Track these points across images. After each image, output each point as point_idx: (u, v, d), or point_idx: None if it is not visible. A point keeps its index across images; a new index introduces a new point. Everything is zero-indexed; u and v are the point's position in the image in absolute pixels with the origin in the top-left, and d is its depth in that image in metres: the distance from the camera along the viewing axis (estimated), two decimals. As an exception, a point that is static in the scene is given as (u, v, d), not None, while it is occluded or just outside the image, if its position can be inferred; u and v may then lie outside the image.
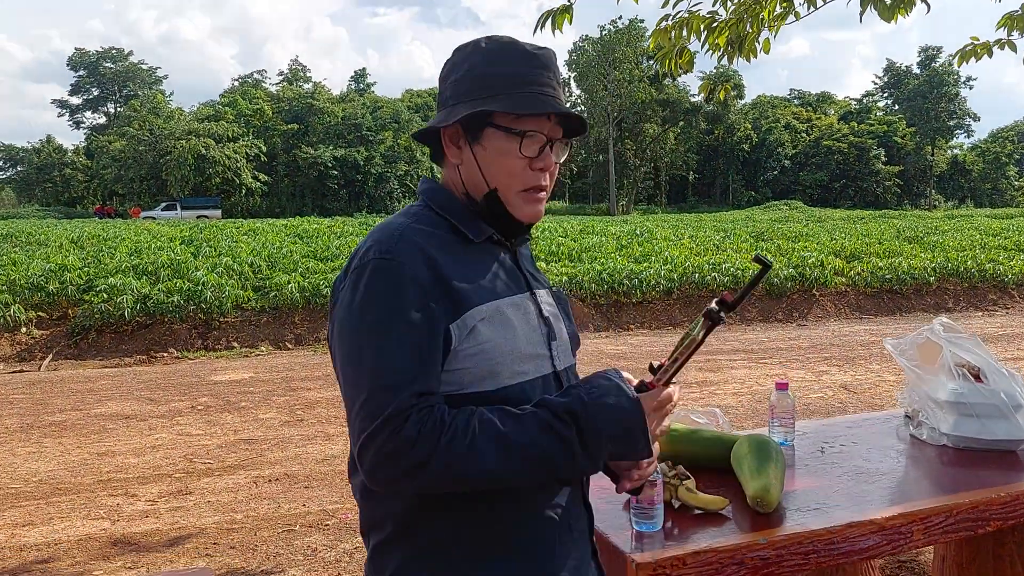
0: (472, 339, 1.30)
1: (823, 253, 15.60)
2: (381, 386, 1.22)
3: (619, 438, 1.29)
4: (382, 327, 1.26)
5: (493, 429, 1.23)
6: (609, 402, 1.29)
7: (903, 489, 2.16)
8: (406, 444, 1.19)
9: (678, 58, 4.17)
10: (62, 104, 76.85)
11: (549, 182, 1.43)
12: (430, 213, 1.42)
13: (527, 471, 1.25)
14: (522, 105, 1.35)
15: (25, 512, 4.60)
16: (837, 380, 7.74)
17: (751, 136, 72.03)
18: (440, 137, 1.42)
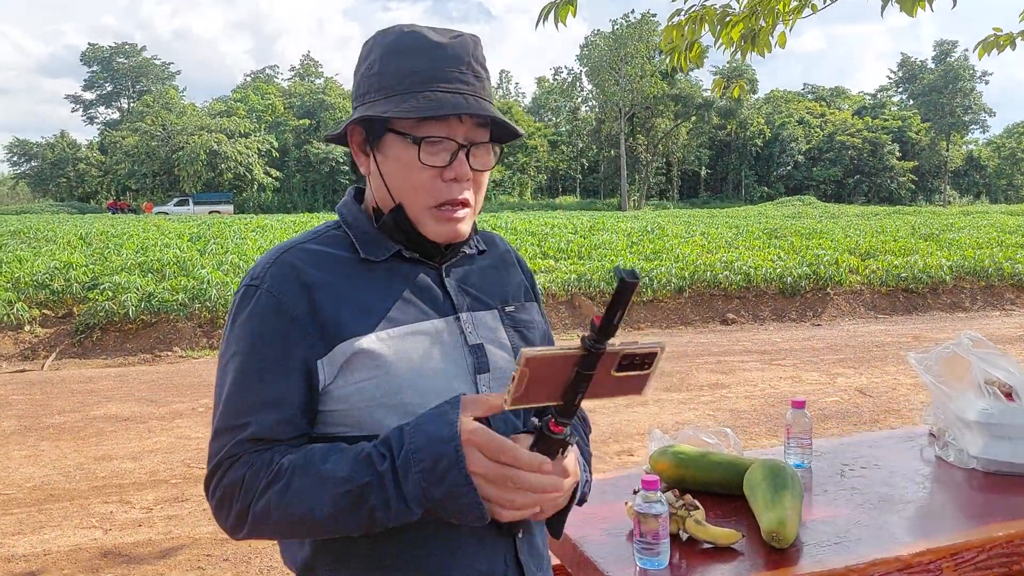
0: (346, 375, 1.15)
1: (837, 251, 15.37)
2: (222, 428, 1.15)
3: (429, 473, 1.03)
4: (235, 363, 1.16)
5: (313, 466, 1.09)
6: (428, 428, 1.06)
7: (930, 519, 2.00)
8: (231, 489, 1.12)
9: (688, 53, 4.00)
10: (76, 99, 77.23)
11: (473, 194, 1.24)
12: (336, 230, 1.28)
13: (344, 514, 1.07)
14: (417, 107, 1.16)
15: (16, 520, 4.48)
16: (852, 383, 7.55)
17: (764, 131, 71.56)
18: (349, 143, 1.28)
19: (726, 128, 71.27)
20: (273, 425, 1.12)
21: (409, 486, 1.03)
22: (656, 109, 66.13)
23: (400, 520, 1.06)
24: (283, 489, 1.07)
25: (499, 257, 1.43)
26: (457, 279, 1.30)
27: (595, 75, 66.42)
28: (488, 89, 1.25)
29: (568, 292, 11.94)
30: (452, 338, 1.23)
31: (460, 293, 1.29)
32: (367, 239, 1.24)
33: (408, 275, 1.25)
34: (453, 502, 1.03)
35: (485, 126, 1.22)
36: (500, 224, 21.84)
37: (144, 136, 60.76)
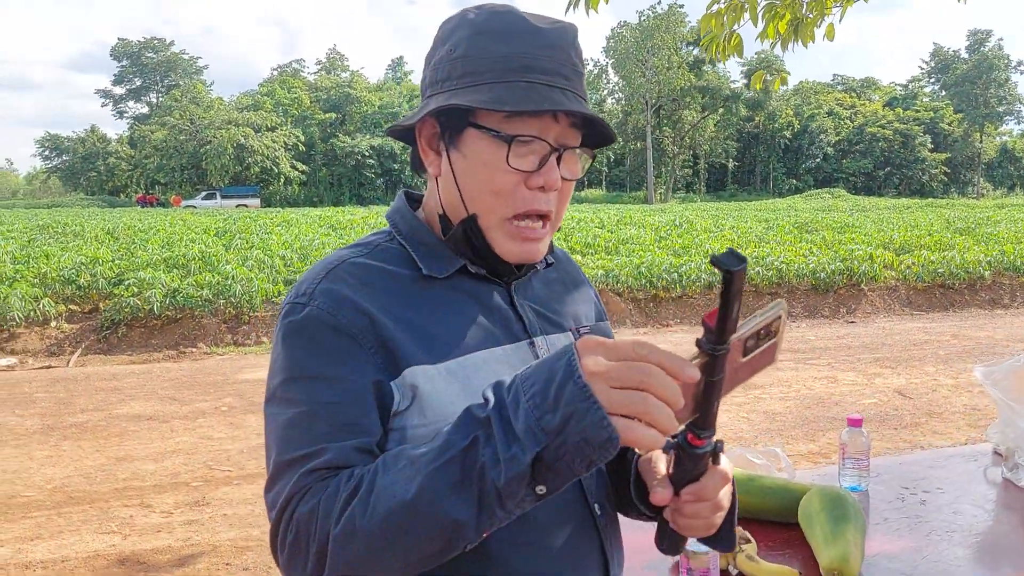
0: (416, 413, 0.98)
1: (871, 245, 15.03)
2: (285, 462, 0.94)
3: (541, 396, 0.79)
4: (294, 389, 0.97)
5: (401, 456, 0.88)
6: (544, 358, 0.84)
7: (1004, 553, 1.81)
8: (305, 522, 0.88)
9: (727, 43, 3.80)
10: (106, 94, 78.04)
11: (556, 205, 1.07)
12: (391, 242, 1.10)
13: (451, 493, 0.82)
14: (511, 98, 0.99)
15: (35, 524, 4.40)
16: (891, 384, 7.31)
17: (793, 123, 70.68)
18: (416, 138, 1.10)
19: (754, 120, 70.48)
20: (351, 452, 0.93)
21: (520, 419, 0.79)
22: (683, 101, 65.54)
23: (514, 471, 0.79)
24: (367, 492, 0.85)
25: (566, 273, 1.28)
26: (527, 298, 1.15)
27: (621, 67, 65.93)
28: (584, 86, 1.08)
29: (596, 288, 11.75)
30: (525, 366, 1.07)
31: (532, 314, 1.14)
32: (428, 252, 1.08)
33: (475, 293, 1.09)
34: (574, 427, 0.76)
35: (578, 128, 1.05)
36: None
37: (172, 130, 61.30)
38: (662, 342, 9.34)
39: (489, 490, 0.81)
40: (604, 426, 0.76)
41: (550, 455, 0.78)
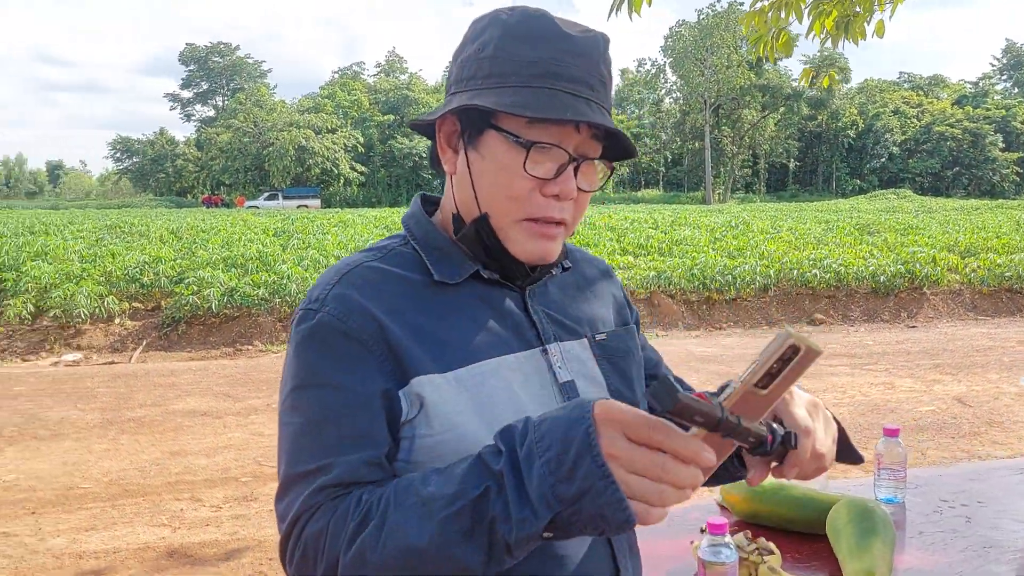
0: (426, 423, 0.97)
1: (935, 248, 14.59)
2: (295, 476, 0.95)
3: (557, 464, 0.79)
4: (303, 397, 0.98)
5: (409, 489, 0.88)
6: (556, 413, 0.84)
7: (1045, 572, 1.74)
8: (314, 542, 0.90)
9: (775, 42, 3.73)
10: (174, 97, 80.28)
11: (572, 214, 1.06)
12: (404, 246, 1.10)
13: (460, 540, 0.83)
14: (534, 104, 0.97)
15: (90, 515, 4.55)
16: (951, 391, 7.08)
17: (857, 121, 69.05)
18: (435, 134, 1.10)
19: (816, 119, 69.03)
20: (360, 466, 0.93)
21: (534, 483, 0.79)
22: (743, 100, 64.54)
23: (525, 532, 0.80)
24: (377, 527, 0.86)
25: (583, 273, 1.26)
26: (542, 303, 1.13)
27: (680, 66, 65.26)
28: (610, 98, 1.07)
29: (648, 290, 11.65)
30: (539, 375, 1.06)
31: (546, 320, 1.12)
32: (441, 257, 1.07)
33: (487, 299, 1.08)
34: (590, 503, 0.78)
35: (599, 139, 1.04)
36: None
37: (237, 133, 62.77)
38: (714, 345, 9.19)
39: (499, 541, 0.82)
40: (623, 508, 0.77)
41: (562, 520, 0.80)
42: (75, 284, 10.75)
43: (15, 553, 4.05)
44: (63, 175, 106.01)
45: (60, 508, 4.66)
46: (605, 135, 1.04)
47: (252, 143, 62.05)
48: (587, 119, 0.99)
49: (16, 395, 7.41)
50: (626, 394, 1.16)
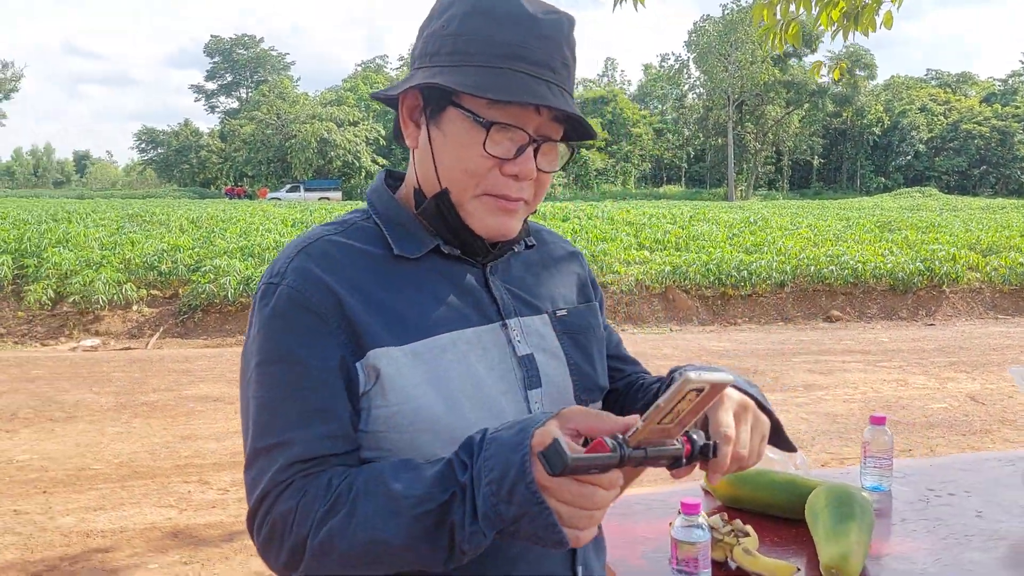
0: (381, 394, 0.99)
1: (956, 246, 14.42)
2: (260, 450, 0.97)
3: (498, 486, 0.85)
4: (263, 371, 0.99)
5: (382, 487, 0.91)
6: (504, 434, 0.88)
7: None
8: (282, 521, 0.93)
9: (784, 33, 3.71)
10: (198, 89, 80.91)
11: (531, 193, 1.07)
12: (367, 221, 1.11)
13: (424, 539, 0.89)
14: (495, 86, 0.98)
15: (99, 495, 4.62)
16: (964, 389, 7.01)
17: (882, 119, 68.29)
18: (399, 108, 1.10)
19: (841, 116, 68.35)
20: (321, 440, 0.96)
21: (480, 501, 0.86)
22: (767, 96, 64.03)
23: (476, 543, 0.87)
24: (347, 516, 0.90)
25: (547, 250, 1.27)
26: (503, 279, 1.15)
27: (703, 61, 64.80)
28: (573, 80, 1.08)
29: (663, 285, 11.61)
30: (499, 349, 1.08)
31: (507, 295, 1.13)
32: (402, 233, 1.08)
33: (447, 274, 1.09)
34: (528, 523, 0.84)
35: (560, 122, 1.05)
36: (597, 213, 21.57)
37: (260, 125, 63.15)
38: (728, 341, 9.16)
39: (457, 545, 0.89)
40: (556, 531, 0.84)
41: (507, 533, 0.88)
42: (95, 271, 10.89)
43: (25, 530, 4.12)
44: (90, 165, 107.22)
45: (71, 488, 4.74)
46: (566, 118, 1.05)
47: (275, 135, 62.42)
48: (547, 103, 0.99)
49: (34, 378, 7.53)
50: (585, 368, 1.18)
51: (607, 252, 13.42)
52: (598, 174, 64.75)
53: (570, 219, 19.85)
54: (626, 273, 12.02)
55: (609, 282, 11.79)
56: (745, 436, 0.99)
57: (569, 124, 1.06)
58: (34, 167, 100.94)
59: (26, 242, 12.65)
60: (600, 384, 1.21)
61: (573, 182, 62.41)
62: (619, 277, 11.90)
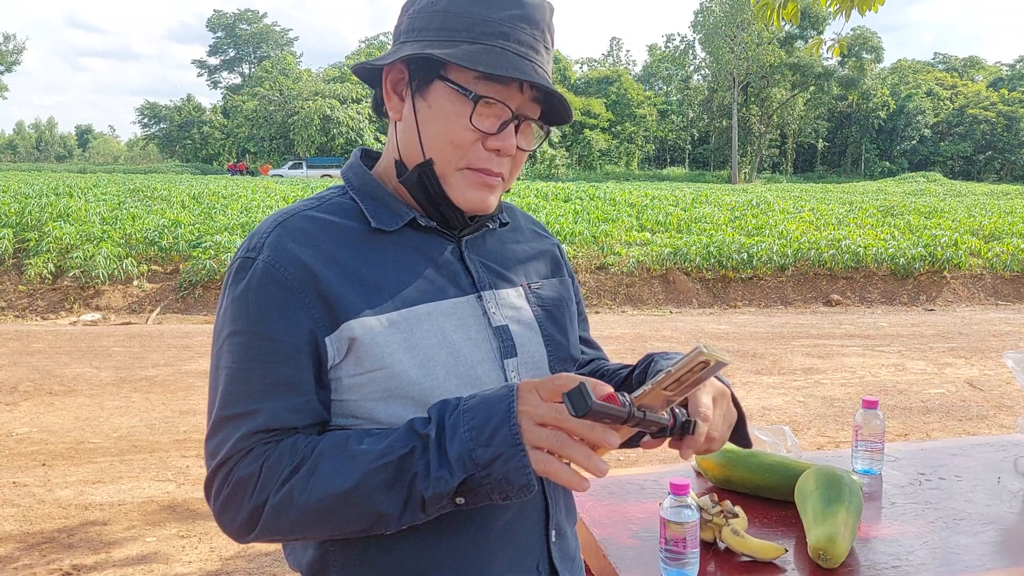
0: (356, 362, 1.01)
1: (958, 231, 14.38)
2: (224, 417, 1.00)
3: (479, 431, 0.90)
4: (234, 342, 1.01)
5: (342, 444, 0.96)
6: (487, 392, 0.95)
7: (1011, 545, 1.74)
8: (242, 485, 0.96)
9: (781, 10, 3.68)
10: (201, 64, 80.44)
11: (508, 169, 1.10)
12: (343, 197, 1.13)
13: (381, 490, 0.93)
14: (485, 60, 1.01)
15: (98, 469, 4.65)
16: (962, 374, 7.02)
17: (888, 103, 67.88)
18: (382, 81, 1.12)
19: (847, 99, 67.93)
20: (286, 412, 0.99)
21: (455, 445, 0.90)
22: (772, 78, 63.60)
23: (439, 489, 0.91)
24: (307, 474, 0.94)
25: (521, 229, 1.31)
26: (478, 253, 1.18)
27: (709, 42, 64.35)
28: (551, 64, 1.12)
29: (663, 267, 11.61)
30: (475, 319, 1.10)
31: (481, 268, 1.16)
32: (379, 207, 1.11)
33: (423, 248, 1.11)
34: (499, 467, 0.89)
35: (538, 102, 1.09)
36: (599, 194, 21.50)
37: (262, 101, 62.88)
38: (727, 323, 9.16)
39: (416, 495, 0.93)
40: (524, 472, 0.89)
41: (474, 481, 0.91)
42: (95, 246, 10.89)
43: (23, 502, 4.16)
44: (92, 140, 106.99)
45: (70, 461, 4.77)
46: (544, 99, 1.08)
47: (277, 111, 62.15)
48: (535, 80, 1.03)
49: (34, 352, 7.55)
50: (559, 339, 1.21)
51: (608, 233, 13.40)
52: (601, 155, 64.48)
53: (571, 200, 19.79)
54: (627, 254, 12.00)
55: (610, 263, 11.78)
56: (719, 421, 1.05)
57: (545, 106, 1.10)
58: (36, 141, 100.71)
59: (27, 216, 12.63)
60: (573, 355, 1.25)
61: (576, 162, 62.21)
62: (620, 259, 11.89)
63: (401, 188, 1.12)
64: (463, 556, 1.06)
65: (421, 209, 1.12)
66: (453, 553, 1.05)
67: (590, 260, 11.93)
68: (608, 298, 11.08)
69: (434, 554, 1.05)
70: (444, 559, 1.05)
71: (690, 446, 1.00)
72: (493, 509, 1.07)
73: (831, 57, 5.23)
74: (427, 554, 1.05)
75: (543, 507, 1.16)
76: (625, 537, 1.74)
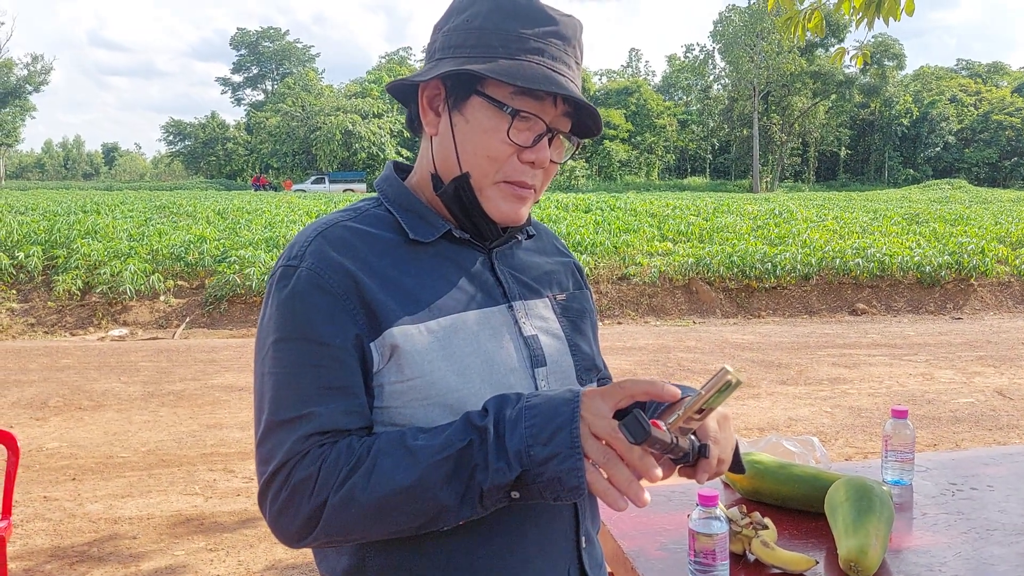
0: (396, 370, 1.03)
1: (985, 239, 14.21)
2: (276, 423, 1.00)
3: (539, 430, 0.92)
4: (282, 348, 1.02)
5: (399, 441, 0.97)
6: (553, 394, 0.96)
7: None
8: (301, 487, 0.96)
9: (805, 22, 3.67)
10: (225, 82, 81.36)
11: (540, 182, 1.13)
12: (379, 208, 1.15)
13: (443, 484, 0.94)
14: (523, 75, 1.04)
15: (127, 483, 4.70)
16: (992, 383, 6.92)
17: (911, 110, 67.28)
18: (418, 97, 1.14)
19: (869, 107, 67.42)
20: (340, 414, 1.00)
21: (515, 440, 0.92)
22: (793, 87, 63.23)
23: (497, 481, 0.93)
24: (368, 471, 0.95)
25: (545, 243, 1.34)
26: (507, 265, 1.20)
27: (729, 52, 64.12)
28: (580, 78, 1.15)
29: (686, 277, 11.56)
30: (507, 329, 1.13)
31: (511, 280, 1.19)
32: (415, 218, 1.13)
33: (457, 259, 1.14)
34: (554, 467, 0.91)
35: (569, 116, 1.12)
36: (620, 204, 21.47)
37: (285, 117, 63.46)
38: (750, 333, 9.09)
39: (475, 487, 0.94)
40: (578, 475, 0.91)
41: (529, 478, 0.93)
42: (123, 262, 11.03)
43: (54, 516, 4.21)
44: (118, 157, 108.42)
45: (99, 475, 4.82)
46: (574, 112, 1.11)
47: (300, 127, 62.69)
48: (571, 93, 1.06)
49: (64, 367, 7.65)
50: (584, 349, 1.24)
51: (630, 244, 13.37)
52: (621, 165, 64.42)
53: (592, 210, 19.78)
54: (649, 265, 11.97)
55: (632, 274, 11.75)
56: (725, 444, 1.06)
57: (574, 119, 1.13)
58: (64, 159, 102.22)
59: (56, 233, 12.83)
60: (597, 364, 1.28)
61: (596, 173, 62.17)
62: (642, 269, 11.86)
63: (435, 200, 1.15)
64: (498, 562, 1.07)
65: (455, 221, 1.15)
66: (489, 559, 1.07)
67: (612, 270, 11.91)
68: (631, 308, 11.05)
69: (470, 560, 1.06)
70: (479, 565, 1.06)
71: (705, 470, 1.02)
72: (528, 516, 1.09)
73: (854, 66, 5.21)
74: (463, 560, 1.06)
75: (573, 514, 1.18)
76: (653, 549, 1.73)
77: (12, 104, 62.67)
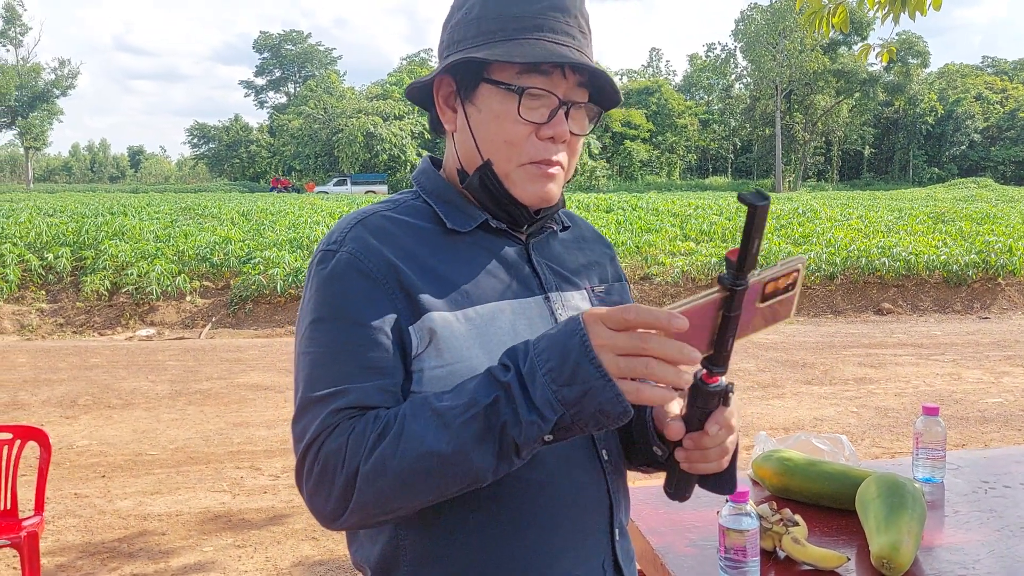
0: (435, 355, 1.03)
1: (1012, 237, 14.02)
2: (311, 400, 1.00)
3: (558, 372, 0.87)
4: (321, 328, 1.03)
5: (424, 405, 0.95)
6: (553, 332, 0.91)
7: (1084, 554, 1.70)
8: (333, 458, 0.95)
9: (830, 17, 3.65)
10: (248, 85, 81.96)
11: (567, 158, 1.12)
12: (416, 200, 1.16)
13: (474, 443, 0.91)
14: (521, 52, 1.05)
15: (156, 480, 4.76)
16: (1021, 383, 6.84)
17: (936, 108, 66.51)
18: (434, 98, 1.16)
19: (893, 105, 66.73)
20: (375, 391, 0.99)
21: (538, 389, 0.88)
22: (816, 85, 62.73)
23: (534, 436, 0.89)
24: (396, 437, 0.93)
25: (582, 235, 1.33)
26: (544, 256, 1.20)
27: (751, 50, 63.73)
28: (591, 49, 1.14)
29: (708, 276, 11.51)
30: (543, 320, 1.13)
31: (548, 271, 1.19)
32: (452, 209, 1.14)
33: (494, 249, 1.15)
34: (591, 401, 0.86)
35: (585, 87, 1.11)
36: (642, 204, 21.42)
37: (307, 119, 63.84)
38: (774, 332, 9.02)
39: (508, 443, 0.91)
40: (620, 401, 0.86)
41: (567, 421, 0.88)
42: (149, 263, 11.16)
43: (85, 513, 4.27)
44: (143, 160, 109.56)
45: (128, 473, 4.88)
46: (590, 82, 1.10)
47: (322, 129, 63.05)
48: (572, 60, 1.05)
49: (92, 367, 7.76)
50: None
51: (652, 243, 13.34)
52: (642, 165, 64.20)
53: (614, 210, 19.74)
54: (671, 265, 11.93)
55: (654, 274, 11.72)
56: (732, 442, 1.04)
57: (593, 90, 1.12)
58: (91, 162, 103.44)
59: (84, 235, 13.00)
60: None
61: (617, 173, 62.02)
62: (664, 269, 11.82)
63: (468, 194, 1.15)
64: (533, 553, 1.07)
65: (490, 212, 1.15)
66: (523, 550, 1.06)
67: (634, 271, 11.88)
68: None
69: (504, 550, 1.06)
70: (513, 555, 1.06)
71: (717, 421, 0.97)
72: (562, 507, 1.09)
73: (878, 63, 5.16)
74: (497, 550, 1.06)
75: (608, 505, 1.17)
76: (683, 546, 1.73)
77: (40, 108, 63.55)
